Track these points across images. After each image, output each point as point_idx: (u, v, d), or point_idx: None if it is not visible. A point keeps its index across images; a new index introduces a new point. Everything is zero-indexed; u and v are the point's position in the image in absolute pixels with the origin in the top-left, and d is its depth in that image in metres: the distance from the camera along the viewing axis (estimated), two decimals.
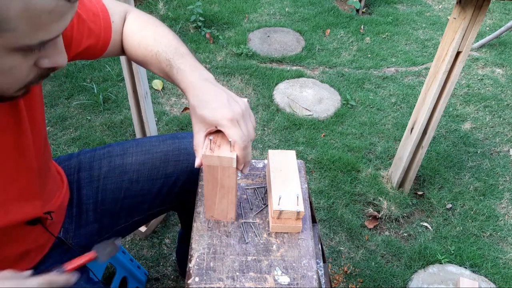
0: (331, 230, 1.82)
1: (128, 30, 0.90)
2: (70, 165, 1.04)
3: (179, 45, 0.86)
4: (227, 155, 0.76)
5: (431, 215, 1.91)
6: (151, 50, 0.85)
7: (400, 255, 1.74)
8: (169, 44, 0.85)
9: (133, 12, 0.92)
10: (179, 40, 0.88)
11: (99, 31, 0.85)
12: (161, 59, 0.84)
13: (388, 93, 2.59)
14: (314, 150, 2.16)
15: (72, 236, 0.98)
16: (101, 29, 0.85)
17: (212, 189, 0.84)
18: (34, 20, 0.51)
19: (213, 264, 0.82)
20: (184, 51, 0.84)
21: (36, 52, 0.57)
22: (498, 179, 2.08)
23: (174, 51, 0.84)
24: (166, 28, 0.90)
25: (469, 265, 1.70)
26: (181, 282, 1.61)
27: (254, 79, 2.61)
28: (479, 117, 2.44)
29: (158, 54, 0.84)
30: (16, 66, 0.56)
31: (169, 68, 0.82)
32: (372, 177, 2.02)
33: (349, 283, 1.64)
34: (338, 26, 3.18)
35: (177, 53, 0.83)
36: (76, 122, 2.24)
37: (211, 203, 0.87)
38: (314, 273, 0.81)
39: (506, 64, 2.87)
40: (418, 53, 2.98)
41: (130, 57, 0.92)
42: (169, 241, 1.74)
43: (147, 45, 0.86)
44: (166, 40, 0.85)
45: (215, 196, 0.85)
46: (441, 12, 3.49)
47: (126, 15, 0.91)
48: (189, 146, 1.06)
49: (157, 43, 0.85)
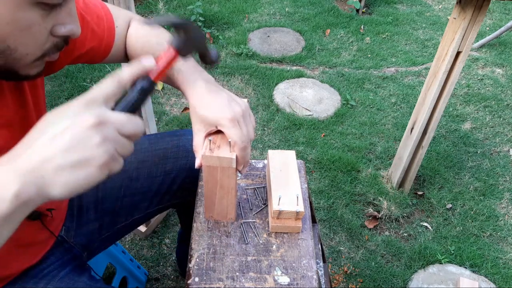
0: (331, 230, 1.82)
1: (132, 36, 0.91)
2: None
3: None
4: (226, 156, 0.76)
5: (431, 215, 1.91)
6: (153, 53, 0.86)
7: (400, 255, 1.74)
8: None
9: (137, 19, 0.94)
10: None
11: (102, 34, 0.85)
12: None
13: (388, 93, 2.59)
14: (314, 150, 2.16)
15: (73, 235, 0.98)
16: (104, 32, 0.86)
17: (212, 189, 0.84)
18: None
19: (213, 264, 0.82)
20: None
21: (53, 15, 0.57)
22: (498, 179, 2.08)
23: None
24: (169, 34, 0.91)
25: (469, 265, 1.70)
26: (181, 282, 1.61)
27: (254, 79, 2.61)
28: (479, 117, 2.44)
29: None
30: (35, 24, 0.55)
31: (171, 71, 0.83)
32: (372, 177, 2.02)
33: (349, 283, 1.64)
34: (338, 26, 3.18)
35: None
36: None
37: (211, 203, 0.87)
38: (314, 273, 0.81)
39: (506, 64, 2.87)
40: (418, 53, 2.98)
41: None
42: (169, 241, 1.74)
43: (150, 48, 0.87)
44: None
45: (214, 196, 0.85)
46: (441, 12, 3.49)
47: (130, 21, 0.92)
48: (187, 143, 1.07)
49: (159, 46, 0.86)
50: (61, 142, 0.48)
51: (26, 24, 0.55)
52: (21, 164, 0.47)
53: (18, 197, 0.46)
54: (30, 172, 0.47)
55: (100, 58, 0.89)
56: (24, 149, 0.48)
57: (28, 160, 0.47)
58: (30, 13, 0.55)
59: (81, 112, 0.49)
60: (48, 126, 0.49)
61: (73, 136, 0.48)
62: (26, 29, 0.55)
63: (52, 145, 0.48)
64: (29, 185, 0.46)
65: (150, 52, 0.87)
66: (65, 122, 0.48)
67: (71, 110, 0.49)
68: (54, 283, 0.84)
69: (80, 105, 0.50)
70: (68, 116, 0.49)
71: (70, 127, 0.48)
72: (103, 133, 0.49)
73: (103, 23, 0.86)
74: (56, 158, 0.47)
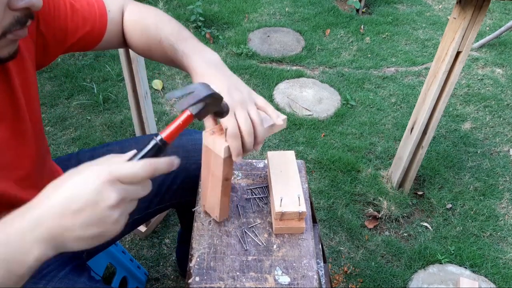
0: (331, 230, 1.82)
1: (129, 20, 0.89)
2: (70, 165, 1.04)
3: (181, 29, 0.86)
4: (219, 142, 0.73)
5: (431, 215, 1.90)
6: (155, 37, 0.85)
7: (400, 255, 1.74)
8: (171, 29, 0.85)
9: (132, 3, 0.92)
10: (181, 25, 0.88)
11: (94, 19, 0.84)
12: (165, 45, 0.83)
13: (388, 93, 2.59)
14: (314, 150, 2.16)
15: None
16: (96, 17, 0.85)
17: (207, 175, 0.83)
18: None
19: (213, 264, 0.82)
20: (186, 35, 0.84)
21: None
22: (498, 179, 2.08)
23: (177, 36, 0.83)
24: (166, 15, 0.90)
25: (469, 265, 1.70)
26: (181, 282, 1.61)
27: (254, 79, 2.61)
28: (479, 117, 2.44)
29: (162, 40, 0.84)
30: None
31: (174, 53, 0.81)
32: (372, 177, 2.02)
33: (349, 283, 1.64)
34: (338, 26, 3.18)
35: (180, 37, 0.83)
36: (76, 122, 2.24)
37: (205, 190, 0.86)
38: (315, 273, 0.81)
39: (506, 64, 2.87)
40: (418, 53, 2.98)
41: (133, 48, 0.91)
42: (169, 241, 1.74)
43: (150, 33, 0.86)
44: (168, 26, 0.85)
45: (207, 183, 0.84)
46: (441, 12, 3.49)
47: (123, 6, 0.91)
48: (187, 143, 1.06)
49: (160, 30, 0.85)
50: (83, 218, 0.50)
51: None
52: (43, 231, 0.50)
53: (37, 261, 0.50)
54: (52, 239, 0.50)
55: (93, 44, 0.87)
56: (46, 213, 0.50)
57: (51, 228, 0.50)
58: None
59: (104, 191, 0.50)
60: (71, 197, 0.50)
61: (94, 215, 0.50)
62: None
63: (74, 219, 0.50)
64: (49, 250, 0.51)
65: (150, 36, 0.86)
66: (88, 198, 0.50)
67: (95, 185, 0.50)
68: (53, 283, 0.84)
69: (106, 183, 0.51)
70: (91, 192, 0.50)
71: (92, 206, 0.50)
72: (122, 210, 0.53)
73: (94, 9, 0.85)
74: (77, 230, 0.50)
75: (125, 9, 0.91)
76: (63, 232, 0.50)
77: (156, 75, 2.62)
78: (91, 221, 0.50)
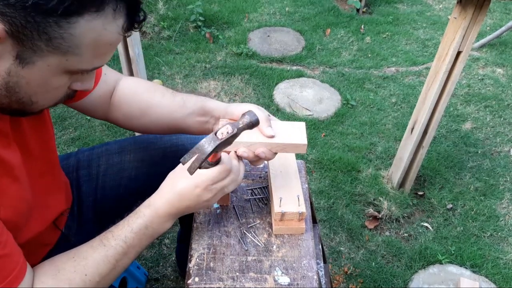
0: (332, 231, 1.81)
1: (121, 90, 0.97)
2: (69, 164, 1.04)
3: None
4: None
5: (432, 215, 1.90)
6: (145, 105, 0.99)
7: (400, 255, 1.73)
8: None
9: (129, 78, 1.02)
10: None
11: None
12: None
13: (388, 93, 2.58)
14: (314, 150, 2.16)
15: (74, 234, 0.98)
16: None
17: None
18: (98, 50, 0.59)
19: (213, 264, 0.82)
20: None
21: (77, 76, 0.64)
22: (499, 179, 2.08)
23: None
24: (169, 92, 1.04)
25: (469, 266, 1.70)
26: (181, 282, 1.61)
27: (254, 79, 2.61)
28: (479, 117, 2.44)
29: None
30: (61, 86, 0.63)
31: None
32: (373, 177, 2.02)
33: (349, 284, 1.63)
34: (338, 25, 3.18)
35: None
36: (75, 122, 2.24)
37: None
38: (315, 274, 0.81)
39: (506, 64, 2.86)
40: (419, 53, 2.98)
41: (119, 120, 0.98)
42: (169, 241, 1.74)
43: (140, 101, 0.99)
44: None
45: None
46: (442, 12, 3.48)
47: (120, 78, 0.97)
48: (187, 142, 1.06)
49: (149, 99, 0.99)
50: (191, 207, 0.79)
51: (54, 86, 0.62)
52: (173, 211, 0.79)
53: (167, 229, 0.82)
54: (175, 215, 0.80)
55: (80, 96, 0.89)
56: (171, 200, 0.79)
57: (176, 209, 0.79)
58: (61, 78, 0.61)
59: (202, 195, 0.77)
60: (182, 200, 0.78)
61: (198, 205, 0.79)
62: (51, 90, 0.62)
63: (187, 208, 0.79)
64: (172, 222, 0.81)
65: (141, 105, 0.94)
66: (194, 200, 0.77)
67: (196, 192, 0.77)
68: None
69: (203, 191, 0.76)
70: (195, 198, 0.77)
71: (196, 206, 0.79)
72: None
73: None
74: (187, 212, 0.81)
75: (121, 81, 0.96)
76: (183, 212, 0.79)
77: (156, 75, 2.62)
78: (194, 208, 0.79)
